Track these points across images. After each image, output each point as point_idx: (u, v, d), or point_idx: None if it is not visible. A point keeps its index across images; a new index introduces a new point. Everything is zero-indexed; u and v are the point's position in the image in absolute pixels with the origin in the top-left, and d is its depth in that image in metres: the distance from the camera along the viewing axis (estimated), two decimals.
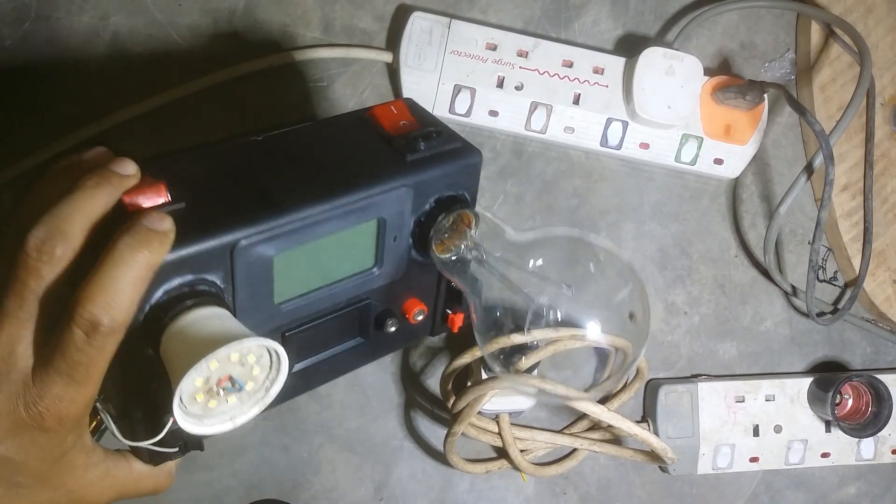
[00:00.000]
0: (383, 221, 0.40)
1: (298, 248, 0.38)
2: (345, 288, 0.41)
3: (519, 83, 0.57)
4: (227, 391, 0.34)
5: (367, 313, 0.43)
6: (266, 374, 0.35)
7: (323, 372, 0.44)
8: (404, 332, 0.45)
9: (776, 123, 0.63)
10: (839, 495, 0.64)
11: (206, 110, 0.56)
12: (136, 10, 0.55)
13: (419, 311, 0.45)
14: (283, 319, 0.40)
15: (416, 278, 0.44)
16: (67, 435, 0.34)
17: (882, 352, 0.65)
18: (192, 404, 0.33)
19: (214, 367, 0.33)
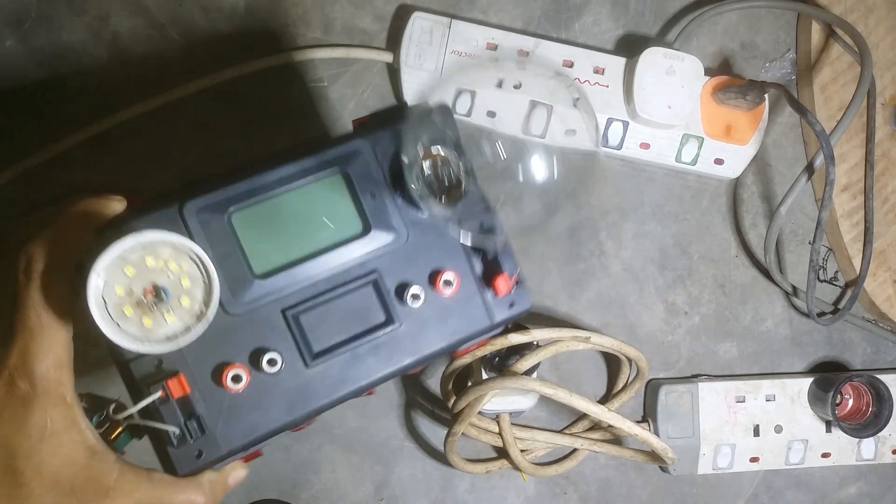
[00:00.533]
0: (348, 177, 0.40)
1: (257, 207, 0.38)
2: (340, 258, 0.39)
3: (518, 82, 0.57)
4: (157, 304, 0.34)
5: (381, 288, 0.40)
6: (202, 289, 0.34)
7: (355, 370, 0.40)
8: (445, 315, 0.41)
9: (777, 123, 0.63)
10: (839, 495, 0.64)
11: (207, 110, 0.56)
12: (136, 10, 0.55)
13: (446, 278, 0.40)
14: (275, 294, 0.38)
15: (434, 244, 0.41)
16: (50, 408, 0.35)
17: (882, 352, 0.65)
18: (125, 321, 0.33)
19: (132, 273, 0.33)
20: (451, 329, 0.41)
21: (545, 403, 0.60)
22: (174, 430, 0.36)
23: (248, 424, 0.38)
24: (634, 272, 0.62)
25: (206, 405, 0.37)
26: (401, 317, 0.40)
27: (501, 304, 0.42)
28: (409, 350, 0.40)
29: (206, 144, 0.56)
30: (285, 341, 0.39)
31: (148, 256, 0.34)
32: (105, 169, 0.55)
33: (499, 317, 0.42)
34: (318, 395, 0.39)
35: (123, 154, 0.56)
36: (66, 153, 0.55)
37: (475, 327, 0.41)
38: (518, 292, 0.42)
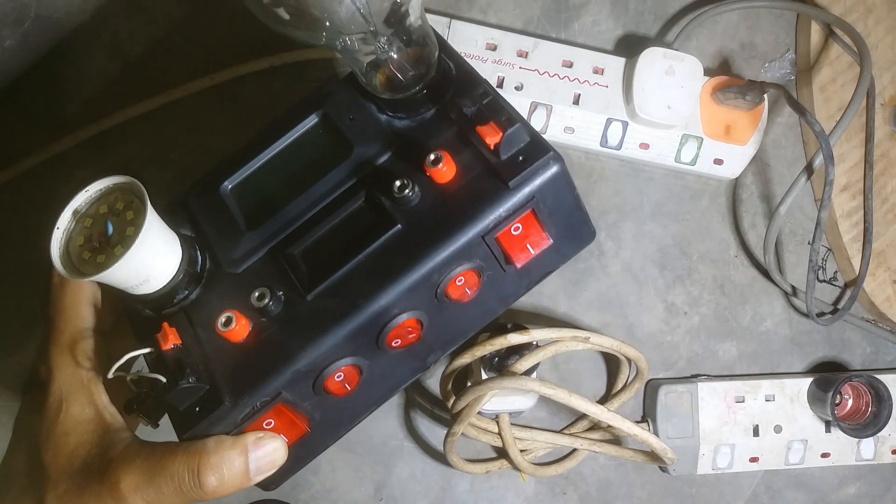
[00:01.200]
0: (325, 115, 0.41)
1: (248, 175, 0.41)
2: (328, 186, 0.38)
3: (519, 83, 0.57)
4: (108, 240, 0.36)
5: (374, 199, 0.36)
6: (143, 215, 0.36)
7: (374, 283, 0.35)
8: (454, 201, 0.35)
9: (776, 123, 0.63)
10: (839, 495, 0.64)
11: (207, 111, 0.56)
12: (136, 10, 0.55)
13: (434, 157, 0.35)
14: (270, 241, 0.38)
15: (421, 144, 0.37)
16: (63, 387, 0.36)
17: (882, 352, 0.65)
18: (85, 264, 0.36)
19: (89, 223, 0.37)
20: (463, 213, 0.35)
21: (545, 403, 0.60)
22: (161, 379, 0.34)
23: (254, 374, 0.35)
24: (634, 272, 0.62)
25: (208, 358, 0.36)
26: (398, 217, 0.36)
27: (511, 164, 0.35)
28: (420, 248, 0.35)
29: (206, 145, 0.57)
30: (285, 279, 0.37)
31: (102, 206, 0.37)
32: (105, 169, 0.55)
33: (512, 176, 0.35)
34: (325, 324, 0.35)
35: (123, 154, 0.56)
36: (66, 153, 0.55)
37: (491, 200, 0.35)
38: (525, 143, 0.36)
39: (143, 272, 0.36)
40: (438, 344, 0.39)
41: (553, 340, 0.54)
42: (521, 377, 0.50)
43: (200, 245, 0.40)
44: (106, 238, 0.36)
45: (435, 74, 0.38)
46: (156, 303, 0.38)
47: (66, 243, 0.36)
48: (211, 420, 0.35)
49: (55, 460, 0.35)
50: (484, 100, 0.36)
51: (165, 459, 0.34)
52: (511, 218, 0.35)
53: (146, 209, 0.35)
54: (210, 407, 0.35)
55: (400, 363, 0.38)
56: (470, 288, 0.37)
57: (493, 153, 0.35)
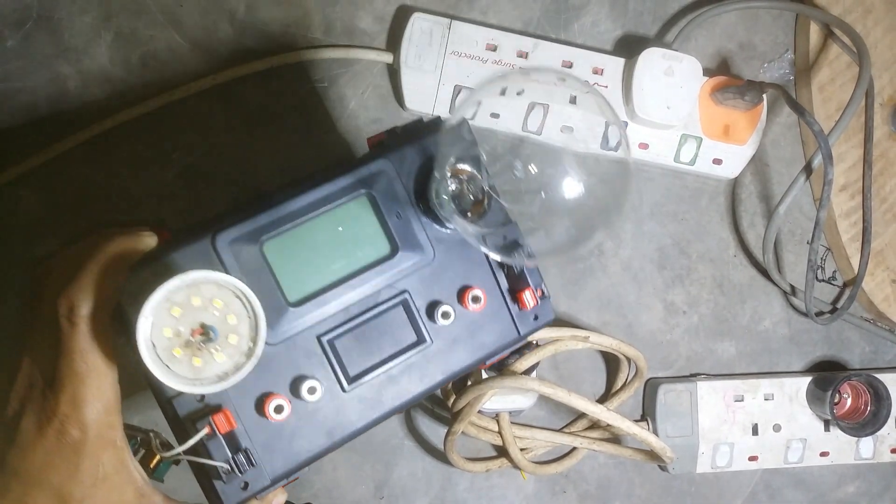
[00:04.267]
0: (373, 198, 0.40)
1: (287, 235, 0.38)
2: (370, 281, 0.40)
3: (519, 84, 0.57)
4: (205, 343, 0.34)
5: (411, 307, 0.40)
6: (248, 325, 0.35)
7: (391, 391, 0.40)
8: (474, 329, 0.41)
9: (775, 123, 0.63)
10: (838, 494, 0.65)
11: (207, 111, 0.56)
12: (137, 10, 0.55)
13: (474, 294, 0.41)
14: (309, 321, 0.39)
15: (459, 261, 0.41)
16: (101, 452, 0.35)
17: (881, 351, 0.65)
18: (175, 362, 0.33)
19: (178, 314, 0.33)
20: (479, 343, 0.42)
21: (544, 402, 0.60)
22: (223, 466, 0.37)
23: (290, 452, 0.39)
24: (633, 272, 0.62)
25: (251, 437, 0.38)
26: (432, 335, 0.41)
27: (526, 317, 0.43)
28: (440, 367, 0.41)
29: (206, 145, 0.57)
30: (323, 368, 0.39)
31: (193, 296, 0.34)
32: (105, 169, 0.56)
33: (524, 329, 0.43)
34: (357, 417, 0.40)
35: (123, 154, 0.56)
36: (67, 153, 0.55)
37: (503, 340, 0.42)
38: (542, 304, 0.43)
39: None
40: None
41: (553, 340, 0.54)
42: (520, 376, 0.50)
43: None
44: (207, 342, 0.34)
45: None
46: None
47: (150, 330, 0.33)
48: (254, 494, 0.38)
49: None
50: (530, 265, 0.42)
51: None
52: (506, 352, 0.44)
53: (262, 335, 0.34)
54: (256, 485, 0.38)
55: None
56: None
57: (517, 306, 0.42)
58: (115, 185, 0.56)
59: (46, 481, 0.34)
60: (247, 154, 0.57)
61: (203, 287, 0.34)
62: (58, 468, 0.34)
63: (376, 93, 0.58)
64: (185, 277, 0.33)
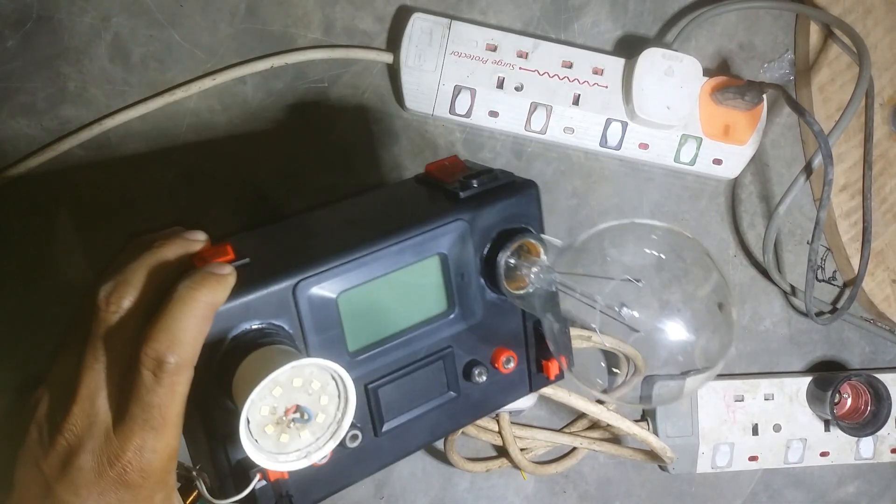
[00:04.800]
0: (444, 258, 0.40)
1: (361, 288, 0.38)
2: (423, 336, 0.41)
3: (519, 84, 0.57)
4: (297, 423, 0.34)
5: (452, 363, 0.42)
6: (336, 405, 0.35)
7: (417, 433, 0.43)
8: (498, 387, 0.44)
9: (775, 124, 0.63)
10: (838, 494, 0.65)
11: (207, 111, 0.56)
12: (137, 10, 0.55)
13: (507, 358, 0.43)
14: (362, 370, 0.39)
15: (500, 323, 0.43)
16: (154, 494, 0.34)
17: (881, 351, 0.65)
18: (264, 438, 0.34)
19: (278, 393, 0.33)
20: (499, 398, 0.45)
21: (545, 402, 0.60)
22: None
23: (321, 487, 0.40)
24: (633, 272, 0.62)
25: (292, 481, 0.38)
26: (462, 390, 0.43)
27: (543, 378, 0.46)
28: (461, 416, 0.44)
29: (206, 145, 0.57)
30: (363, 415, 0.40)
31: (296, 377, 0.34)
32: (105, 169, 0.56)
33: (536, 387, 0.46)
34: (383, 457, 0.42)
35: (123, 154, 0.56)
36: (67, 153, 0.55)
37: (517, 394, 0.45)
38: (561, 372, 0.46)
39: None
40: None
41: None
42: None
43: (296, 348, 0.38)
44: (299, 420, 0.34)
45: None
46: None
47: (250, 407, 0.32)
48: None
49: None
50: (562, 336, 0.44)
51: None
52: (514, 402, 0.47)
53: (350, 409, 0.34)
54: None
55: None
56: None
57: (537, 368, 0.45)
58: (115, 185, 0.56)
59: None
60: (247, 154, 0.57)
61: (306, 370, 0.34)
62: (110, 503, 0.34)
63: (376, 93, 0.58)
64: (296, 365, 0.33)
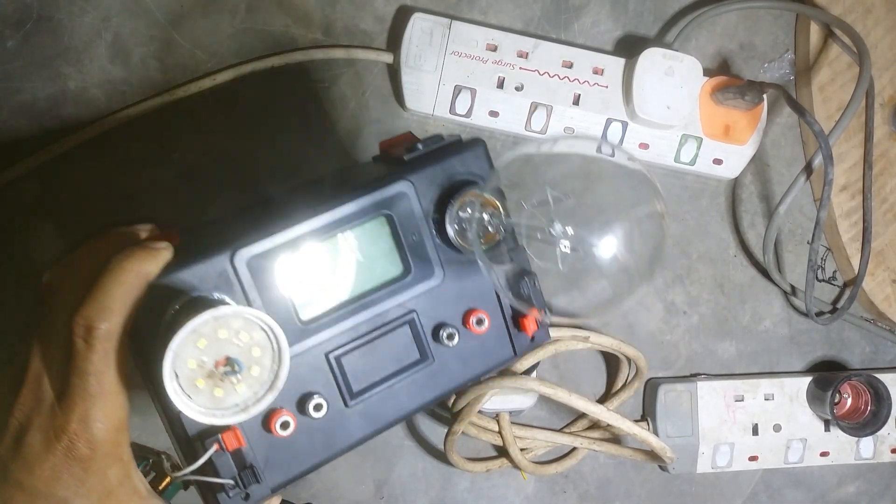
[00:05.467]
0: (391, 219, 0.40)
1: (304, 254, 0.38)
2: (382, 300, 0.40)
3: (519, 84, 0.57)
4: (229, 376, 0.34)
5: (418, 328, 0.41)
6: (271, 357, 0.34)
7: (394, 403, 0.41)
8: (477, 351, 0.43)
9: (775, 124, 0.63)
10: (838, 494, 0.65)
11: (207, 111, 0.56)
12: (137, 11, 0.55)
13: (479, 318, 0.42)
14: (319, 338, 0.39)
15: (468, 284, 0.42)
16: (107, 468, 0.35)
17: (881, 351, 0.65)
18: (197, 393, 0.33)
19: (203, 345, 0.33)
20: (478, 362, 0.43)
21: (545, 402, 0.60)
22: (230, 483, 0.37)
23: (291, 464, 0.39)
24: None
25: (254, 451, 0.38)
26: (435, 354, 0.42)
27: (524, 338, 0.44)
28: (440, 384, 0.42)
29: (206, 145, 0.57)
30: (328, 384, 0.40)
31: (220, 328, 0.33)
32: (105, 169, 0.56)
33: (521, 350, 0.44)
34: (356, 431, 0.41)
35: (123, 154, 0.56)
36: (67, 153, 0.55)
37: (499, 359, 0.44)
38: (542, 329, 0.44)
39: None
40: None
41: (553, 340, 0.54)
42: (520, 376, 0.50)
43: None
44: (231, 375, 0.34)
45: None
46: None
47: (174, 359, 0.33)
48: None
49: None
50: (534, 291, 0.42)
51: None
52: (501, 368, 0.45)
53: (285, 369, 0.34)
54: (257, 497, 0.38)
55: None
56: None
57: (517, 328, 0.43)
58: (115, 185, 0.56)
59: (52, 495, 0.34)
60: (247, 154, 0.57)
61: (231, 320, 0.33)
62: (65, 482, 0.34)
63: (376, 93, 0.58)
64: (215, 313, 0.33)
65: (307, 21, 0.57)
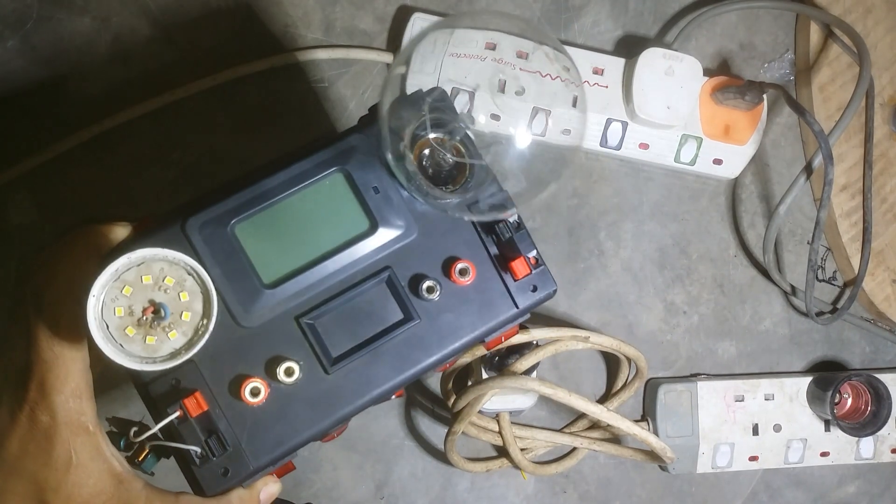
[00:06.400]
0: (348, 174, 0.39)
1: (259, 216, 0.38)
2: (350, 259, 0.38)
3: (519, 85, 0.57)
4: (157, 321, 0.34)
5: (395, 285, 0.39)
6: (202, 301, 0.34)
7: (381, 368, 0.39)
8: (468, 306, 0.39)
9: (775, 124, 0.63)
10: (838, 494, 0.65)
11: (207, 111, 0.57)
12: (137, 11, 0.55)
13: (462, 267, 0.39)
14: (288, 303, 0.38)
15: (448, 235, 0.40)
16: (72, 438, 0.35)
17: (881, 351, 0.65)
18: (129, 342, 0.34)
19: (129, 292, 0.33)
20: (474, 320, 0.40)
21: (545, 402, 0.60)
22: (195, 450, 0.36)
23: (274, 438, 0.38)
24: (633, 272, 0.62)
25: (228, 421, 0.37)
26: (419, 313, 0.39)
27: (524, 289, 0.40)
28: (433, 345, 0.39)
29: (206, 145, 0.57)
30: (303, 349, 0.38)
31: (144, 275, 0.34)
32: (105, 169, 0.56)
33: (523, 302, 0.40)
34: (343, 400, 0.38)
35: (123, 154, 0.56)
36: (67, 153, 0.55)
37: (500, 315, 0.40)
38: (539, 274, 0.40)
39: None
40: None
41: (553, 340, 0.54)
42: (521, 376, 0.50)
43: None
44: (159, 320, 0.34)
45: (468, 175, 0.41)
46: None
47: (101, 310, 0.33)
48: (237, 481, 0.37)
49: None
50: (518, 231, 0.40)
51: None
52: (507, 328, 0.41)
53: (214, 309, 0.34)
54: (237, 471, 0.37)
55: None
56: (450, 364, 0.43)
57: (512, 277, 0.40)
58: (115, 185, 0.56)
59: (23, 469, 0.34)
60: (247, 154, 0.57)
61: (154, 265, 0.34)
62: (33, 455, 0.34)
63: (376, 93, 0.58)
64: (131, 256, 0.33)
65: (307, 21, 0.57)
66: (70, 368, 0.35)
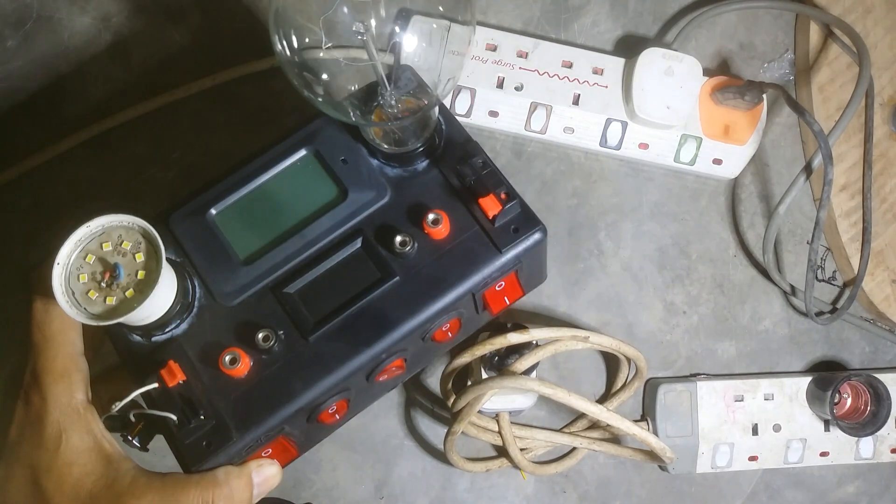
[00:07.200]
0: (316, 152, 0.41)
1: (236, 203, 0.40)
2: (323, 227, 0.39)
3: (519, 84, 0.57)
4: (115, 281, 0.36)
5: (371, 246, 0.39)
6: (155, 259, 0.36)
7: (365, 329, 0.38)
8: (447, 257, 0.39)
9: (775, 124, 0.63)
10: (838, 494, 0.65)
11: (207, 111, 0.57)
12: (137, 10, 0.55)
13: (434, 217, 0.38)
14: (265, 277, 0.39)
15: (420, 193, 0.40)
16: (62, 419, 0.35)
17: (881, 351, 0.65)
18: (91, 304, 0.35)
19: (92, 260, 0.36)
20: (456, 271, 0.39)
21: (544, 402, 0.60)
22: (171, 417, 0.37)
23: (258, 409, 0.37)
24: (633, 272, 0.62)
25: (211, 393, 0.37)
26: (397, 270, 0.39)
27: (504, 231, 0.39)
28: (416, 302, 0.39)
29: (206, 145, 0.57)
30: (282, 319, 0.39)
31: (104, 242, 0.36)
32: (105, 169, 0.56)
33: (504, 244, 0.39)
34: (326, 366, 0.38)
35: (123, 154, 0.56)
36: (68, 153, 0.55)
37: (483, 263, 0.39)
38: (518, 214, 0.40)
39: (147, 312, 0.37)
40: (414, 369, 0.44)
41: (553, 340, 0.54)
42: (520, 376, 0.50)
43: (189, 273, 0.40)
44: (116, 280, 0.36)
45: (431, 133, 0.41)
46: (146, 329, 0.39)
47: (67, 279, 0.36)
48: (220, 455, 0.37)
49: (59, 489, 0.35)
50: (484, 170, 0.39)
51: (178, 493, 0.36)
52: (498, 278, 0.40)
53: (161, 260, 0.36)
54: (219, 442, 0.37)
55: (379, 390, 0.44)
56: (452, 332, 0.42)
57: (489, 221, 0.39)
58: (115, 185, 0.56)
59: (21, 453, 0.35)
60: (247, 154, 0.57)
61: (113, 232, 0.36)
62: (28, 438, 0.35)
63: None
64: (91, 224, 0.36)
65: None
66: (58, 351, 0.36)
